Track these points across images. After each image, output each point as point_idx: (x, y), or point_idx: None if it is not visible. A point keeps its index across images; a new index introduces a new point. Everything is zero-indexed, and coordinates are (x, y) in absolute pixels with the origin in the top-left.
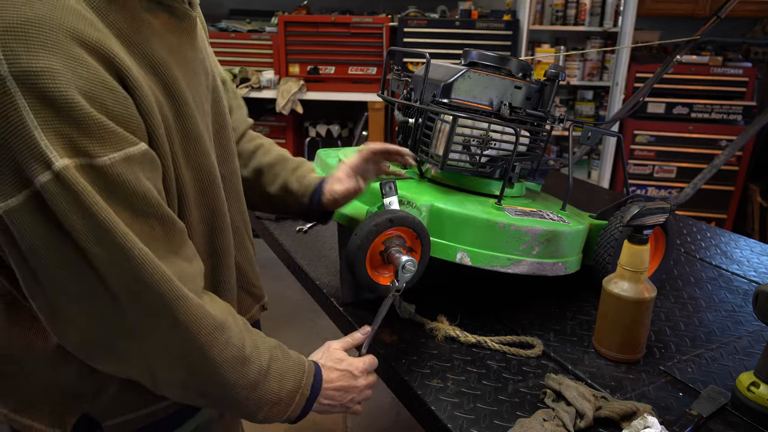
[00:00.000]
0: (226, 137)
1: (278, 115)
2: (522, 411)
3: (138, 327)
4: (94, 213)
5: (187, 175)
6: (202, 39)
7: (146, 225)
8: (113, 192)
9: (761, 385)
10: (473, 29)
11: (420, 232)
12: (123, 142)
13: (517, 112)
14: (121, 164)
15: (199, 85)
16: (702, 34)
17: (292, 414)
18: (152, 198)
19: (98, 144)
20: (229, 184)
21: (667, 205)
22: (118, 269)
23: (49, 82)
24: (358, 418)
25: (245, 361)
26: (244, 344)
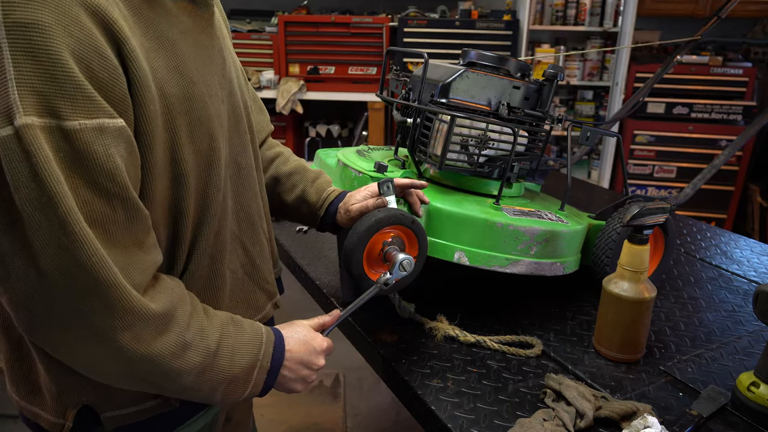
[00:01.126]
0: (243, 130)
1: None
2: (522, 411)
3: (68, 311)
4: (42, 178)
5: (190, 157)
6: (221, 30)
7: (107, 205)
8: (77, 161)
9: (761, 385)
10: (473, 29)
11: (417, 231)
12: (99, 111)
13: (516, 112)
14: (91, 132)
15: (213, 73)
16: (702, 34)
17: (254, 389)
18: (119, 177)
19: (71, 106)
20: (247, 175)
21: (667, 205)
22: (54, 244)
23: (37, 35)
24: (358, 418)
25: (186, 347)
26: (186, 330)
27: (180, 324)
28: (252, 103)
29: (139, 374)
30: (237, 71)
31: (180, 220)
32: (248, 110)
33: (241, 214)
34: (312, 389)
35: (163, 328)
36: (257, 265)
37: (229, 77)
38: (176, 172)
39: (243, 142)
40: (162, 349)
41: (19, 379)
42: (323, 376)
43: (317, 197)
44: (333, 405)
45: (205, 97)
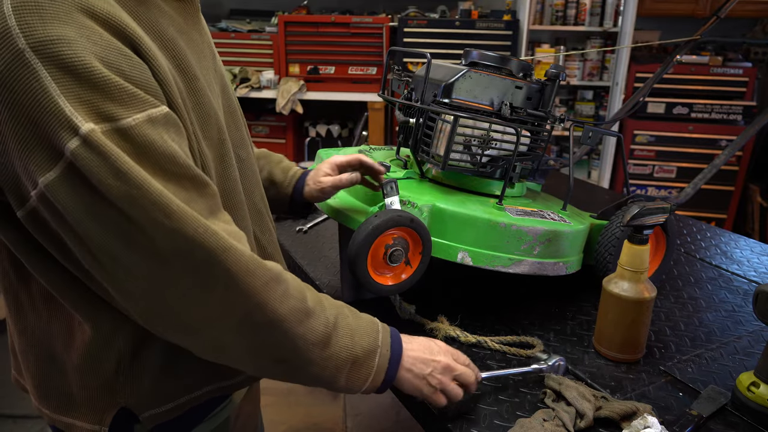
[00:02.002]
0: (237, 121)
1: (278, 115)
2: (522, 411)
3: (193, 290)
4: (125, 173)
5: (207, 151)
6: (205, 25)
7: (179, 186)
8: (141, 154)
9: (761, 385)
10: (473, 29)
11: (421, 233)
12: (144, 103)
13: (518, 112)
14: (145, 125)
15: (208, 67)
16: (702, 34)
17: (377, 379)
18: (180, 158)
19: (120, 106)
20: (248, 166)
21: (667, 205)
22: (161, 230)
23: (66, 48)
24: (358, 418)
25: (309, 313)
26: (305, 296)
27: (296, 289)
28: None
29: (268, 347)
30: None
31: None
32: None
33: (249, 204)
34: (312, 389)
35: (283, 291)
36: (269, 253)
37: (220, 71)
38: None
39: (241, 134)
40: (288, 311)
41: (50, 391)
42: None
43: (284, 176)
44: (333, 405)
45: (207, 91)
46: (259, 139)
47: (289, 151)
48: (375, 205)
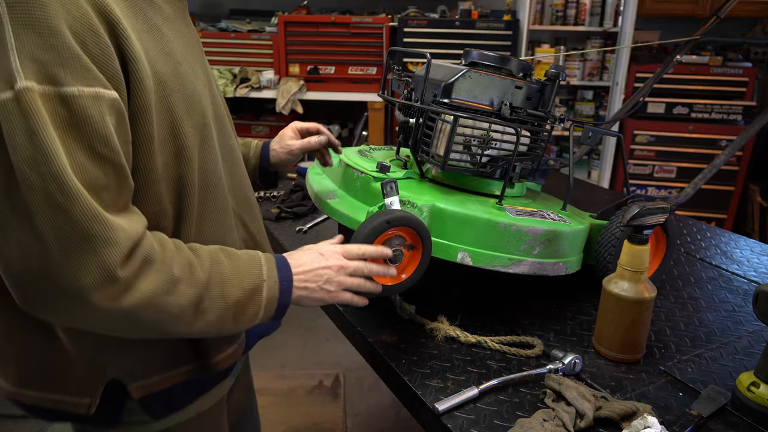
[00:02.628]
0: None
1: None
2: (522, 411)
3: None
4: (38, 137)
5: (190, 132)
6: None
7: (100, 169)
8: (74, 125)
9: (761, 385)
10: (473, 29)
11: (421, 232)
12: (95, 80)
13: (518, 112)
14: (89, 99)
15: (195, 59)
16: (702, 34)
17: (268, 309)
18: (113, 143)
19: (70, 74)
20: (235, 156)
21: (667, 205)
22: (48, 204)
23: (37, 10)
24: (358, 418)
25: (176, 282)
26: (172, 267)
27: (165, 263)
28: None
29: (146, 322)
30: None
31: (185, 194)
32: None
33: (237, 192)
34: (312, 389)
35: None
36: (258, 241)
37: (207, 66)
38: (178, 146)
39: (225, 124)
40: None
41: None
42: (323, 377)
43: (247, 150)
44: (333, 405)
45: (192, 77)
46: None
47: None
48: (375, 205)
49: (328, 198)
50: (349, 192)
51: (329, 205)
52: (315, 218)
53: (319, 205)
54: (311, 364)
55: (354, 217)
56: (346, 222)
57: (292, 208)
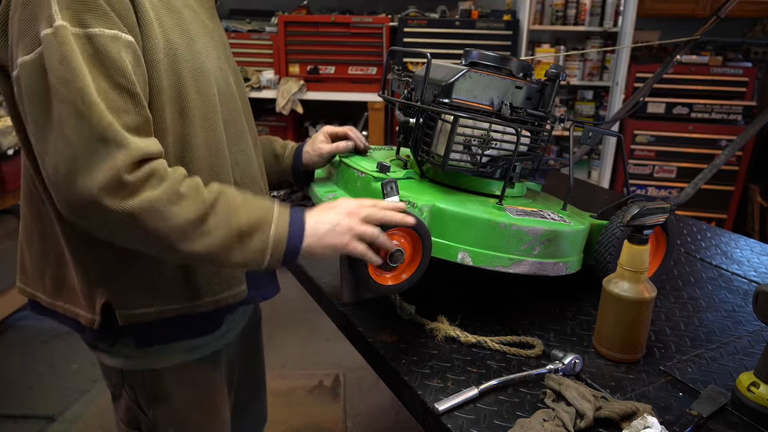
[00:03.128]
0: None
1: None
2: (522, 411)
3: (84, 170)
4: (69, 61)
5: (194, 96)
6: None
7: (119, 95)
8: (96, 57)
9: (761, 385)
10: (473, 29)
11: (421, 232)
12: (114, 25)
13: (518, 112)
14: (108, 38)
15: (214, 47)
16: (702, 34)
17: (277, 249)
18: (129, 74)
19: (95, 19)
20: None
21: (668, 205)
22: (74, 113)
23: None
24: (358, 418)
25: (181, 196)
26: (180, 183)
27: (173, 180)
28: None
29: (151, 230)
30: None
31: (188, 152)
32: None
33: (244, 170)
34: (312, 389)
35: (156, 181)
36: None
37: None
38: (181, 105)
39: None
40: (160, 194)
41: (61, 287)
42: (323, 377)
43: (283, 150)
44: (333, 405)
45: (204, 56)
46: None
47: None
48: None
49: (328, 198)
50: (349, 192)
51: None
52: None
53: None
54: (311, 364)
55: None
56: None
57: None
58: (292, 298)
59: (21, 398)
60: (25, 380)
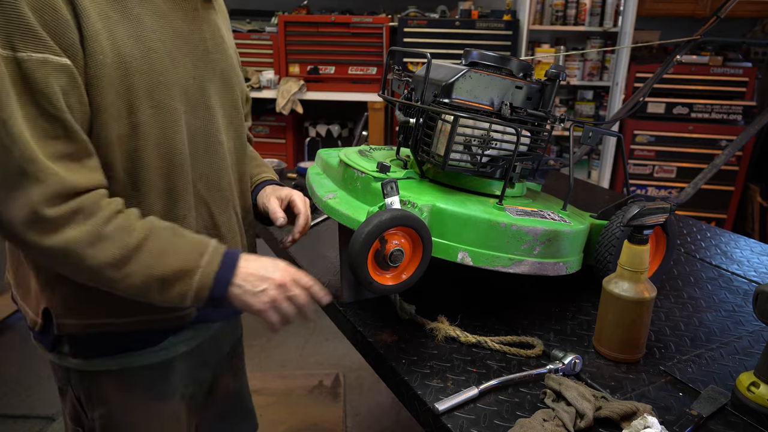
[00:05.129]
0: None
1: (278, 115)
2: (522, 411)
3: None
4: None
5: (148, 111)
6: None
7: (47, 123)
8: (25, 84)
9: (761, 385)
10: (473, 29)
11: (421, 232)
12: (45, 48)
13: (518, 112)
14: (37, 63)
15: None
16: (702, 34)
17: (199, 295)
18: (57, 101)
19: (23, 42)
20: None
21: (668, 205)
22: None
23: None
24: (358, 418)
25: (103, 237)
26: (105, 224)
27: (99, 219)
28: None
29: (71, 265)
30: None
31: (141, 167)
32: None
33: (210, 180)
34: (312, 389)
35: (79, 220)
36: (222, 233)
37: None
38: (133, 122)
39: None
40: (78, 235)
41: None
42: (323, 377)
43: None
44: (333, 405)
45: (168, 66)
46: (259, 139)
47: (289, 151)
48: (375, 205)
49: (328, 198)
50: (349, 192)
51: (329, 205)
52: (315, 218)
53: (319, 205)
54: (311, 364)
55: (354, 217)
56: (346, 222)
57: None
58: None
59: (21, 398)
60: (25, 380)
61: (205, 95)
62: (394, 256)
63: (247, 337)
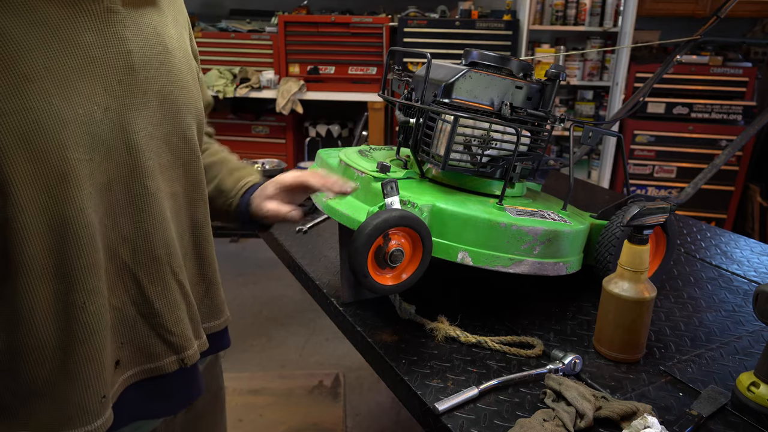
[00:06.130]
0: (186, 149)
1: (278, 115)
2: (522, 411)
3: None
4: None
5: (23, 166)
6: (147, 28)
7: None
8: None
9: (761, 385)
10: (473, 29)
11: (421, 232)
12: None
13: (518, 112)
14: None
15: (97, 76)
16: (702, 34)
17: None
18: None
19: None
20: (147, 203)
21: (668, 205)
22: None
23: None
24: (358, 418)
25: None
26: None
27: None
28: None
29: None
30: (179, 86)
31: (15, 242)
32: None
33: (139, 243)
34: (312, 389)
35: None
36: (156, 309)
37: (153, 89)
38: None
39: (136, 163)
40: None
41: None
42: (323, 377)
43: (233, 185)
44: (333, 405)
45: (54, 99)
46: (259, 139)
47: (289, 151)
48: (375, 205)
49: (328, 198)
50: None
51: (329, 205)
52: (315, 218)
53: (319, 205)
54: (311, 364)
55: (354, 217)
56: (346, 222)
57: None
58: (292, 297)
59: None
60: None
61: (125, 132)
62: (394, 256)
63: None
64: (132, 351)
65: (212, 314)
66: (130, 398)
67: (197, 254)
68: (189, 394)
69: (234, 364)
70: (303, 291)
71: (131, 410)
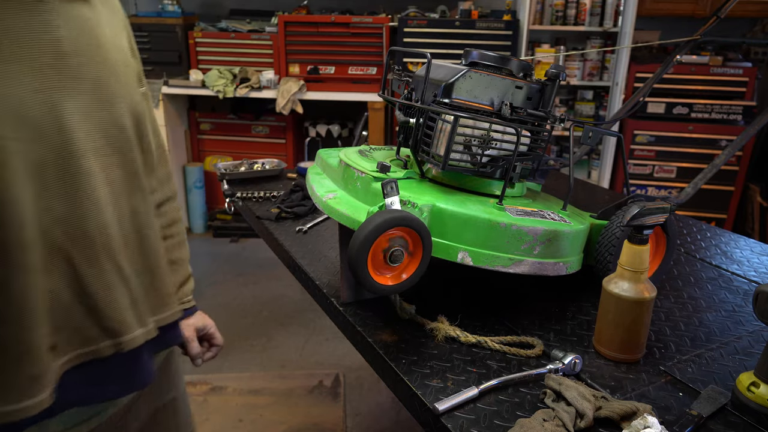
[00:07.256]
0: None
1: (278, 115)
2: (522, 411)
3: None
4: None
5: None
6: (79, 20)
7: None
8: None
9: (761, 385)
10: (473, 29)
11: (422, 232)
12: None
13: (518, 112)
14: None
15: (28, 61)
16: (702, 34)
17: None
18: None
19: None
20: (83, 184)
21: (668, 205)
22: None
23: None
24: (358, 418)
25: None
26: None
27: None
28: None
29: None
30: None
31: None
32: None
33: (73, 224)
34: (312, 389)
35: None
36: (91, 292)
37: (86, 77)
38: None
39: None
40: None
41: None
42: (323, 377)
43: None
44: (333, 405)
45: None
46: (259, 139)
47: (289, 151)
48: (375, 205)
49: (328, 198)
50: (349, 192)
51: (329, 205)
52: (315, 218)
53: (319, 205)
54: (311, 364)
55: (354, 217)
56: (346, 222)
57: (292, 208)
58: (292, 297)
59: None
60: None
61: (56, 113)
62: (394, 256)
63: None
64: (69, 334)
65: (160, 306)
66: (70, 382)
67: (139, 242)
68: (133, 381)
69: (234, 364)
70: (303, 291)
71: (72, 394)
